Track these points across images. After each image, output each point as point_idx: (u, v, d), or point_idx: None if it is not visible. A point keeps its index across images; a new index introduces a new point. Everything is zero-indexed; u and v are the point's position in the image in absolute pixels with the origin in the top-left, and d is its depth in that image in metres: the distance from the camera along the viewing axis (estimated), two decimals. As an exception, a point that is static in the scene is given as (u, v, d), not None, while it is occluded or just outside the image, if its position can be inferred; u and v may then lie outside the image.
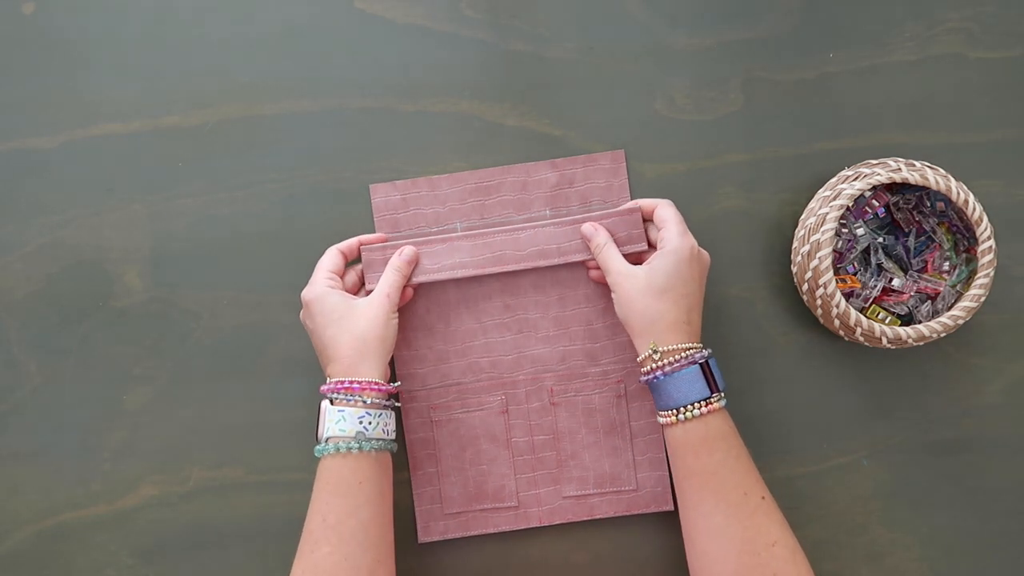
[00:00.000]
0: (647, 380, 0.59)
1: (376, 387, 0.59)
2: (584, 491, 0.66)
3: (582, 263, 0.66)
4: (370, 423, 0.58)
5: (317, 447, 0.58)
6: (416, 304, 0.66)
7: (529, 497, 0.66)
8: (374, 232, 0.67)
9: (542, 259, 0.65)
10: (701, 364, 0.58)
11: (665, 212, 0.62)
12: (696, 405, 0.57)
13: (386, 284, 0.62)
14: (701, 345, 0.59)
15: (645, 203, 0.63)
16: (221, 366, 0.68)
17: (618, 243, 0.63)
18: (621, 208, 0.64)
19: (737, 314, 0.67)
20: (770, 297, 0.68)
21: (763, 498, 0.57)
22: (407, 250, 0.64)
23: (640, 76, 0.68)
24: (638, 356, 0.60)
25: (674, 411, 0.58)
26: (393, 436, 0.60)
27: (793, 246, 0.65)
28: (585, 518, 0.66)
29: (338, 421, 0.58)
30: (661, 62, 0.68)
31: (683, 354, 0.58)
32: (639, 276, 0.60)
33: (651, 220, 0.63)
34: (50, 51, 0.69)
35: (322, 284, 0.61)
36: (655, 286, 0.59)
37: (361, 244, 0.65)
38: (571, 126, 0.68)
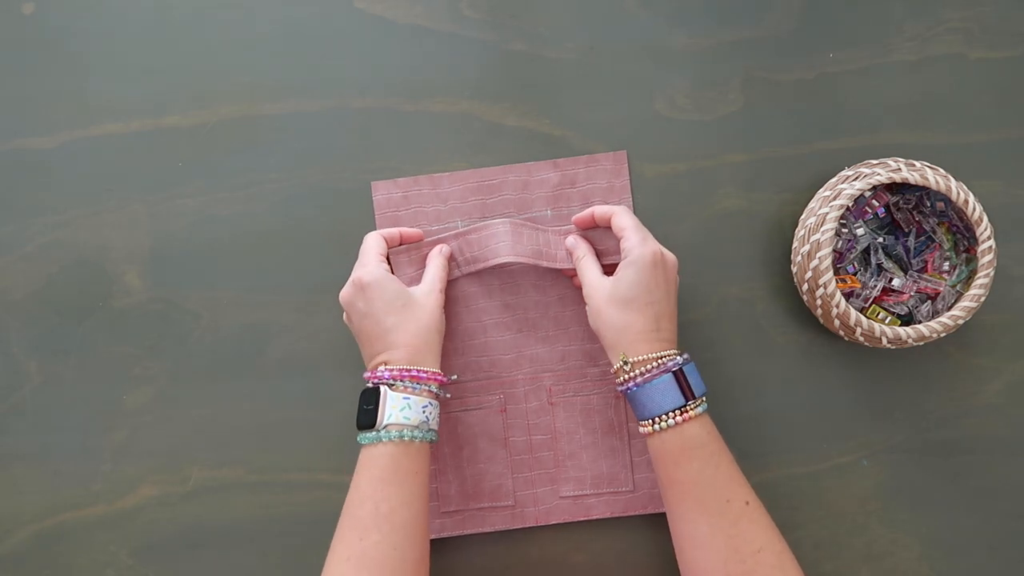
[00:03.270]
0: (622, 391, 0.59)
1: (439, 378, 0.59)
2: (581, 491, 0.66)
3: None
4: (431, 414, 0.58)
5: (369, 434, 0.57)
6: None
7: (526, 496, 0.66)
8: (376, 231, 0.67)
9: (543, 260, 0.65)
10: (675, 372, 0.57)
11: (622, 220, 0.60)
12: (671, 414, 0.56)
13: (437, 280, 0.62)
14: (676, 351, 0.58)
15: (600, 211, 0.62)
16: (221, 366, 0.68)
17: (606, 254, 0.63)
18: (580, 215, 0.63)
19: (737, 314, 0.67)
20: (770, 297, 0.68)
21: (747, 503, 0.56)
22: (447, 248, 0.65)
23: (640, 76, 0.68)
24: (612, 368, 0.59)
25: (650, 421, 0.57)
26: (438, 427, 0.60)
27: (793, 246, 0.65)
28: (582, 518, 0.66)
29: (403, 408, 0.57)
30: (661, 62, 0.68)
31: (655, 363, 0.57)
32: (605, 287, 0.59)
33: (608, 228, 0.62)
34: (50, 51, 0.69)
35: (380, 267, 0.60)
36: (619, 297, 0.58)
37: (402, 234, 0.64)
38: (571, 126, 0.68)
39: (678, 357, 0.58)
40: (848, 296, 0.64)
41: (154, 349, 0.68)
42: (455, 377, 0.64)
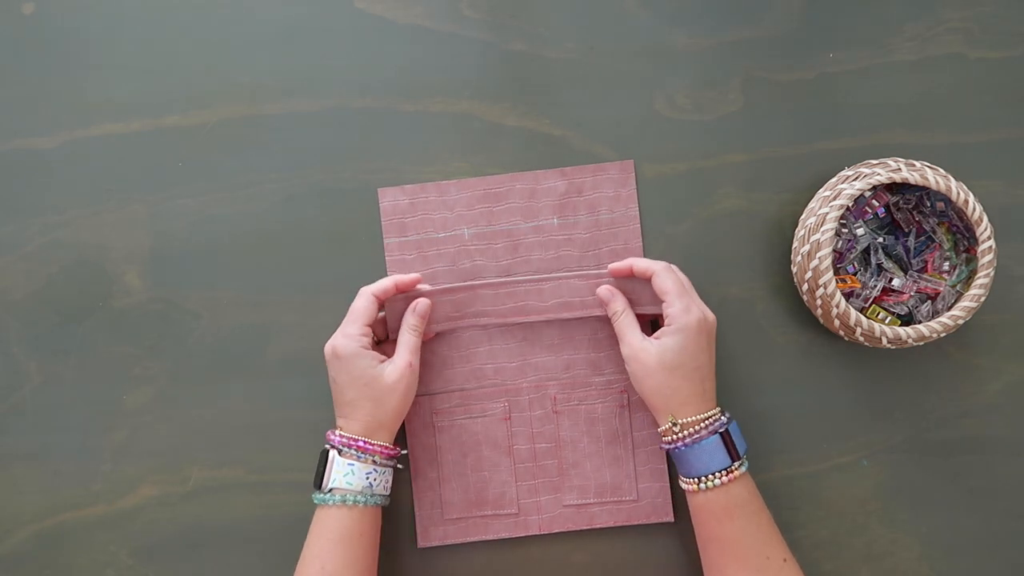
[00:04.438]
0: (668, 449, 0.60)
1: (386, 451, 0.60)
2: (584, 500, 0.66)
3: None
4: (376, 480, 0.60)
5: (319, 495, 0.59)
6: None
7: (529, 505, 0.66)
8: (380, 233, 0.67)
9: (566, 311, 0.65)
10: (722, 433, 0.58)
11: (664, 283, 0.60)
12: (717, 475, 0.58)
13: (408, 351, 0.62)
14: (719, 410, 0.60)
15: (639, 266, 0.61)
16: (221, 366, 0.68)
17: (639, 303, 0.63)
18: (617, 266, 0.62)
19: (737, 314, 0.67)
20: (770, 297, 0.68)
21: (784, 560, 0.58)
22: (420, 305, 0.63)
23: (640, 76, 0.68)
24: (658, 427, 0.60)
25: (696, 480, 0.58)
26: (389, 491, 0.62)
27: (793, 246, 0.65)
28: (585, 527, 0.66)
29: (347, 474, 0.59)
30: (661, 62, 0.68)
31: (702, 424, 0.59)
32: (651, 353, 0.59)
33: (647, 280, 0.62)
34: (50, 51, 0.69)
35: (356, 341, 0.60)
36: (667, 363, 0.59)
37: (397, 286, 0.63)
38: (571, 126, 0.68)
39: (723, 417, 0.59)
40: (848, 296, 0.64)
41: (154, 349, 0.68)
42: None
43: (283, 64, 0.69)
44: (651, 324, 0.65)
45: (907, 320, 0.65)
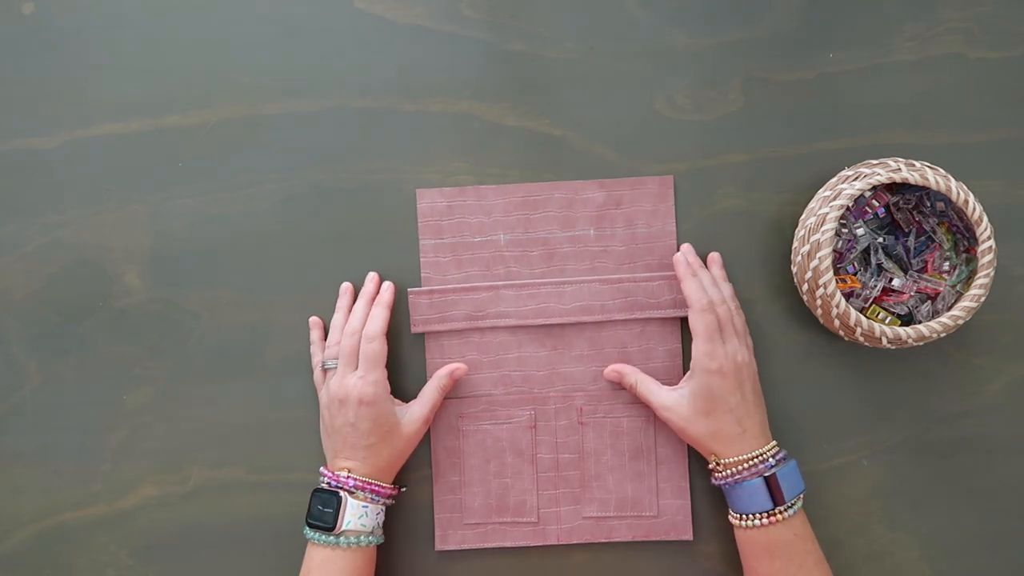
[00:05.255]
0: (716, 485, 0.62)
1: (393, 493, 0.63)
2: (605, 513, 0.66)
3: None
4: (381, 519, 0.61)
5: (327, 537, 0.59)
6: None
7: (549, 514, 0.66)
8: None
9: (586, 315, 0.66)
10: (766, 478, 0.59)
11: (695, 324, 0.61)
12: (758, 515, 0.59)
13: (429, 407, 0.64)
14: (769, 450, 0.60)
15: (684, 290, 0.62)
16: (221, 366, 0.68)
17: (666, 305, 0.65)
18: (678, 267, 0.64)
19: (737, 314, 0.67)
20: (770, 297, 0.68)
21: None
22: (459, 371, 0.65)
23: (640, 76, 0.68)
24: (708, 464, 0.63)
25: (738, 516, 0.60)
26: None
27: (793, 246, 0.65)
28: (603, 540, 0.66)
29: (361, 516, 0.60)
30: (661, 62, 0.68)
31: (744, 466, 0.60)
32: (682, 405, 0.62)
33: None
34: (50, 51, 0.69)
35: (382, 387, 0.62)
36: (698, 410, 0.61)
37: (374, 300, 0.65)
38: (571, 126, 0.68)
39: (771, 459, 0.60)
40: (848, 296, 0.64)
41: (154, 349, 0.68)
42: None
43: (283, 64, 0.69)
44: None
45: (907, 320, 0.65)
